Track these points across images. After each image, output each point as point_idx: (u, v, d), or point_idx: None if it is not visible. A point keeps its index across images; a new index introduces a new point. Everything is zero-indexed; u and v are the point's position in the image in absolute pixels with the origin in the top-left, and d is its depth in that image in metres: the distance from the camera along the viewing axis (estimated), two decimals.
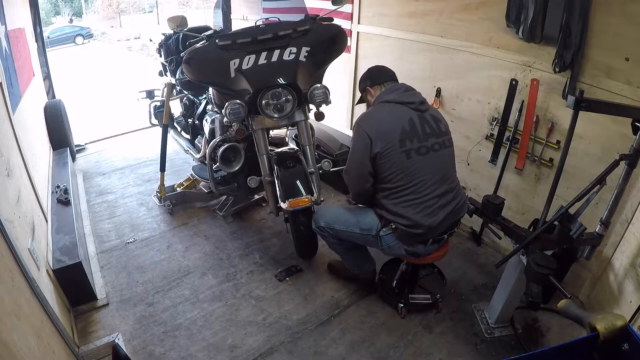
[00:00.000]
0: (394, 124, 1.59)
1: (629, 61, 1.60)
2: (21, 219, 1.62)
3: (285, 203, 1.88)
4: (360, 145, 1.61)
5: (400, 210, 1.62)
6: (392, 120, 1.60)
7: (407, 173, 1.58)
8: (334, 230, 1.83)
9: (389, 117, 1.62)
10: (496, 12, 1.99)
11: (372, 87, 1.76)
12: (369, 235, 1.75)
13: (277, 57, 1.92)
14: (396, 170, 1.58)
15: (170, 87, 2.75)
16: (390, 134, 1.57)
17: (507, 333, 1.83)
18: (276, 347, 1.79)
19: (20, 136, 2.05)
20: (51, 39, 15.24)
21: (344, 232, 1.81)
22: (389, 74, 1.79)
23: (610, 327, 0.81)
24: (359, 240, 1.83)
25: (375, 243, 1.77)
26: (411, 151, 1.58)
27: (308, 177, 2.01)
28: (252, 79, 1.90)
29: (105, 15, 22.97)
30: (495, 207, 1.68)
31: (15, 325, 1.09)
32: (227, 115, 1.90)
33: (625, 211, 1.68)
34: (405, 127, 1.59)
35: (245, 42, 1.90)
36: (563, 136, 1.90)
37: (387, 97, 1.67)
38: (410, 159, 1.58)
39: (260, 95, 1.89)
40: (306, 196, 1.91)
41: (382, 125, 1.59)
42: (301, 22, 2.04)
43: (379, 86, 1.74)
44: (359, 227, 1.77)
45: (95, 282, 2.08)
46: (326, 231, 1.86)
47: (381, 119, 1.62)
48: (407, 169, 1.58)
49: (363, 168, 1.63)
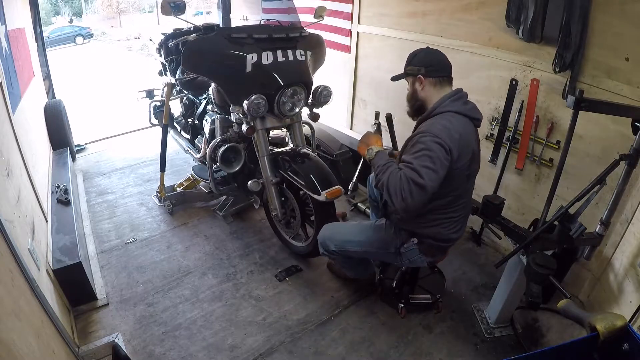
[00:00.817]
0: (469, 142, 1.43)
1: (629, 61, 1.60)
2: (21, 219, 1.62)
3: (322, 195, 1.84)
4: (441, 158, 1.33)
5: (434, 226, 1.56)
6: (467, 137, 1.42)
7: (459, 194, 1.50)
8: (347, 252, 1.77)
9: (464, 132, 1.41)
10: (496, 12, 1.99)
11: (426, 77, 1.49)
12: (388, 252, 1.68)
13: (292, 56, 1.94)
14: (452, 190, 1.47)
15: (170, 87, 2.75)
16: (466, 152, 1.41)
17: (507, 333, 1.83)
18: (276, 347, 1.79)
19: (20, 136, 2.05)
20: (51, 39, 15.24)
21: (358, 252, 1.75)
22: (448, 67, 1.52)
23: (610, 327, 0.81)
24: (374, 257, 1.80)
25: (394, 258, 1.71)
26: (472, 174, 1.53)
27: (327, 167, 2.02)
28: (280, 74, 1.90)
29: (105, 15, 22.99)
30: (495, 207, 1.68)
31: (15, 325, 1.09)
32: (248, 111, 1.87)
33: (625, 211, 1.68)
34: (475, 148, 1.47)
35: (262, 38, 1.90)
36: (563, 136, 1.90)
37: (455, 106, 1.44)
38: (469, 181, 1.54)
39: (282, 92, 1.91)
40: (338, 186, 1.91)
41: (463, 141, 1.39)
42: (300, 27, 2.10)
43: (436, 80, 1.49)
44: (375, 246, 1.70)
45: (95, 282, 2.08)
46: (337, 254, 1.80)
47: (461, 133, 1.39)
48: (462, 189, 1.51)
49: (438, 183, 1.36)
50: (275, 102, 1.92)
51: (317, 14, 2.25)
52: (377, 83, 2.92)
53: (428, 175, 1.30)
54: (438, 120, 1.41)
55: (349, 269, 1.97)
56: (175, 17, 1.90)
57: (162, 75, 3.21)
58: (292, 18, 2.70)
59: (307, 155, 2.05)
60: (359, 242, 1.73)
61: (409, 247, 1.63)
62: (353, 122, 3.27)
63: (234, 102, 2.04)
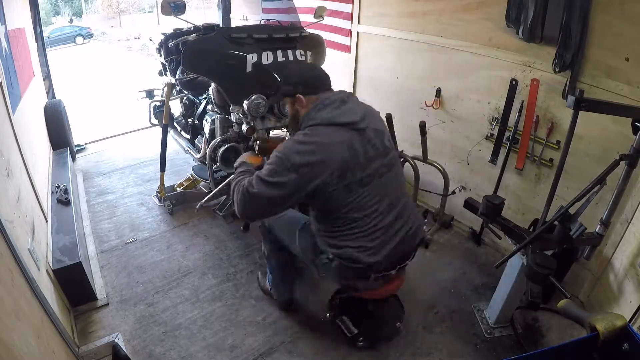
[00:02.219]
0: (332, 154, 1.30)
1: (629, 61, 1.60)
2: (21, 219, 1.62)
3: None
4: (291, 185, 1.29)
5: (338, 242, 1.41)
6: (328, 149, 1.31)
7: (348, 209, 1.36)
8: (277, 238, 1.68)
9: (324, 147, 1.31)
10: (496, 12, 1.99)
11: (305, 95, 1.41)
12: (307, 256, 1.56)
13: (292, 56, 1.94)
14: (335, 207, 1.36)
15: (170, 87, 2.75)
16: (328, 167, 1.30)
17: (507, 333, 1.83)
18: (276, 347, 1.79)
19: (20, 136, 2.05)
20: (51, 39, 15.24)
21: (285, 242, 1.65)
22: (324, 80, 1.47)
23: (610, 327, 0.81)
24: (298, 255, 1.64)
25: (312, 265, 1.58)
26: (352, 184, 1.33)
27: None
28: (280, 75, 1.89)
29: (105, 15, 22.98)
30: (495, 207, 1.68)
31: (15, 325, 1.09)
32: (248, 111, 1.87)
33: (625, 211, 1.68)
34: (345, 156, 1.31)
35: (262, 38, 1.90)
36: (563, 136, 1.90)
37: (319, 116, 1.36)
38: (352, 193, 1.34)
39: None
40: None
41: (321, 154, 1.30)
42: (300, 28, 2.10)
43: (313, 97, 1.41)
44: (299, 243, 1.57)
45: (95, 282, 2.08)
46: (270, 236, 1.72)
47: (315, 150, 1.30)
48: (347, 205, 1.35)
49: (281, 205, 1.36)
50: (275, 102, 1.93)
51: (317, 14, 2.26)
52: (377, 83, 2.91)
53: (259, 185, 1.30)
54: (295, 139, 1.36)
55: (275, 274, 1.85)
56: (175, 17, 1.91)
57: (162, 75, 3.21)
58: (292, 18, 2.71)
59: None
60: (289, 230, 1.61)
61: (323, 260, 1.47)
62: None
63: (234, 102, 2.04)
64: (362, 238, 1.40)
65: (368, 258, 1.39)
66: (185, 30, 2.70)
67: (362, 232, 1.39)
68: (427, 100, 2.53)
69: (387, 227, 1.42)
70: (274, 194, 1.30)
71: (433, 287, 2.13)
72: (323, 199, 1.35)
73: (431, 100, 2.50)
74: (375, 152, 1.39)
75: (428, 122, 2.43)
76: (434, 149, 2.53)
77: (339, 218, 1.39)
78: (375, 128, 1.42)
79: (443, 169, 2.43)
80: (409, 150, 2.58)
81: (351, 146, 1.33)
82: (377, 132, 1.42)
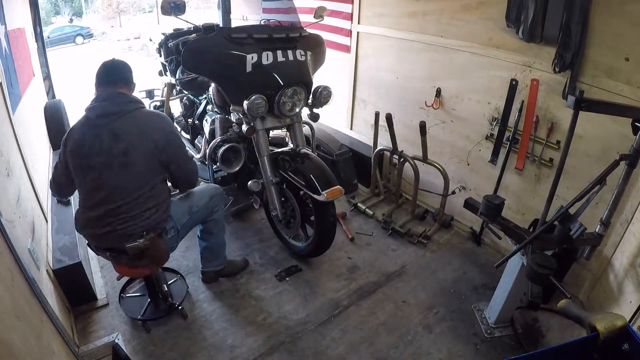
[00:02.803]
0: (77, 135, 1.55)
1: (629, 61, 1.60)
2: (21, 219, 1.62)
3: (322, 195, 1.85)
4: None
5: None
6: (73, 136, 1.55)
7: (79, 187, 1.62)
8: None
9: (74, 131, 1.56)
10: (496, 12, 1.99)
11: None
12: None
13: (292, 56, 1.94)
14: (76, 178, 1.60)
15: (170, 87, 2.75)
16: (75, 145, 1.54)
17: (507, 333, 1.83)
18: (276, 347, 1.79)
19: (20, 136, 2.05)
20: (51, 38, 15.22)
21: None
22: (102, 77, 1.61)
23: (610, 327, 0.81)
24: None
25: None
26: (80, 168, 1.56)
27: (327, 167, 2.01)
28: (280, 75, 1.90)
29: (105, 15, 22.96)
30: (495, 207, 1.68)
31: (15, 325, 1.09)
32: (248, 111, 1.88)
33: (625, 211, 1.69)
34: (82, 140, 1.53)
35: (262, 38, 1.90)
36: (563, 136, 1.90)
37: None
38: (84, 176, 1.56)
39: (281, 92, 1.91)
40: (338, 186, 1.91)
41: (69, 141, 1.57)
42: (300, 28, 2.11)
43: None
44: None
45: (95, 282, 2.08)
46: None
47: (72, 131, 1.58)
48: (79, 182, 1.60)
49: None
50: (275, 102, 1.93)
51: (317, 14, 2.26)
52: (377, 83, 2.92)
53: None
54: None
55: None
56: (175, 17, 1.90)
57: (162, 75, 3.21)
58: (292, 18, 2.71)
59: (307, 156, 2.05)
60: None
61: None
62: (353, 122, 3.27)
63: (234, 102, 2.04)
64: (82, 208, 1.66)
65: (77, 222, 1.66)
66: (185, 31, 2.70)
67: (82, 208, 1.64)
68: (427, 100, 2.53)
69: (91, 209, 1.58)
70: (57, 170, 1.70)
71: (433, 287, 2.13)
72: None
73: (431, 100, 2.50)
74: (99, 149, 1.51)
75: (428, 122, 2.43)
76: (434, 149, 2.53)
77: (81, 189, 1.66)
78: (114, 131, 1.52)
79: (443, 169, 2.44)
80: (409, 150, 2.59)
81: (84, 134, 1.55)
82: (115, 135, 1.51)
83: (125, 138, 1.51)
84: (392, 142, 2.58)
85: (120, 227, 1.54)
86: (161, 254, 1.64)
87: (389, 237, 2.51)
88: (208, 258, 2.10)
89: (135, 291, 2.04)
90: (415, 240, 2.45)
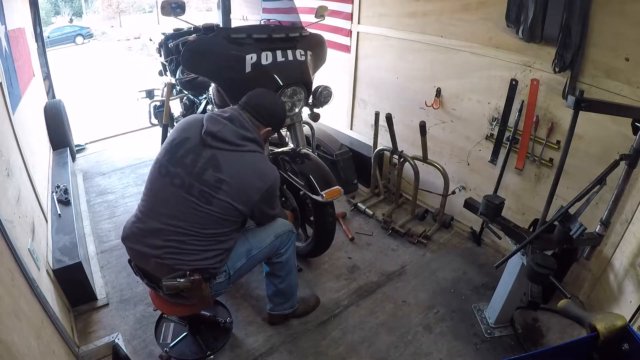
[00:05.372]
0: (177, 132, 1.48)
1: (629, 61, 1.60)
2: (21, 219, 1.62)
3: (321, 195, 1.84)
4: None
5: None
6: (181, 128, 1.49)
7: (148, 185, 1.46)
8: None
9: (180, 125, 1.52)
10: (496, 12, 1.99)
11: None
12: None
13: (292, 56, 1.94)
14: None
15: (170, 87, 2.75)
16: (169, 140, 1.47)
17: (507, 333, 1.83)
18: (276, 347, 1.79)
19: (20, 136, 2.05)
20: (51, 38, 15.23)
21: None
22: (251, 103, 1.55)
23: (610, 327, 0.81)
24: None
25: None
26: (162, 167, 1.42)
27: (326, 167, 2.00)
28: (279, 74, 1.91)
29: (105, 15, 22.97)
30: (495, 207, 1.68)
31: (15, 325, 1.09)
32: None
33: (625, 211, 1.69)
34: (177, 139, 1.44)
35: (261, 38, 1.90)
36: (563, 136, 1.90)
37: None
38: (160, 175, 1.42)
39: (281, 92, 1.92)
40: (338, 186, 1.91)
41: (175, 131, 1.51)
42: (300, 27, 2.11)
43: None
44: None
45: (95, 282, 2.08)
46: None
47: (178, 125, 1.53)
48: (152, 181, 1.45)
49: None
50: None
51: (319, 13, 2.25)
52: (377, 83, 2.92)
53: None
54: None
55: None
56: (175, 17, 1.91)
57: (162, 75, 3.21)
58: (293, 18, 2.71)
59: (307, 156, 2.05)
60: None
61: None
62: (353, 122, 3.27)
63: (234, 102, 2.03)
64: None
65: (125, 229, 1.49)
66: (185, 31, 2.70)
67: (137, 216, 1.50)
68: (427, 100, 2.53)
69: (146, 221, 1.42)
70: None
71: (433, 287, 2.13)
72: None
73: (431, 100, 2.50)
74: (192, 170, 1.38)
75: (428, 122, 2.43)
76: (434, 149, 2.54)
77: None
78: (216, 162, 1.38)
79: (443, 169, 2.44)
80: (409, 150, 2.59)
81: (187, 139, 1.47)
82: (214, 165, 1.38)
83: (226, 172, 1.37)
84: (392, 142, 2.58)
85: (169, 256, 1.36)
86: (202, 300, 1.42)
87: (389, 237, 2.51)
88: (277, 302, 1.83)
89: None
90: (415, 240, 2.45)
